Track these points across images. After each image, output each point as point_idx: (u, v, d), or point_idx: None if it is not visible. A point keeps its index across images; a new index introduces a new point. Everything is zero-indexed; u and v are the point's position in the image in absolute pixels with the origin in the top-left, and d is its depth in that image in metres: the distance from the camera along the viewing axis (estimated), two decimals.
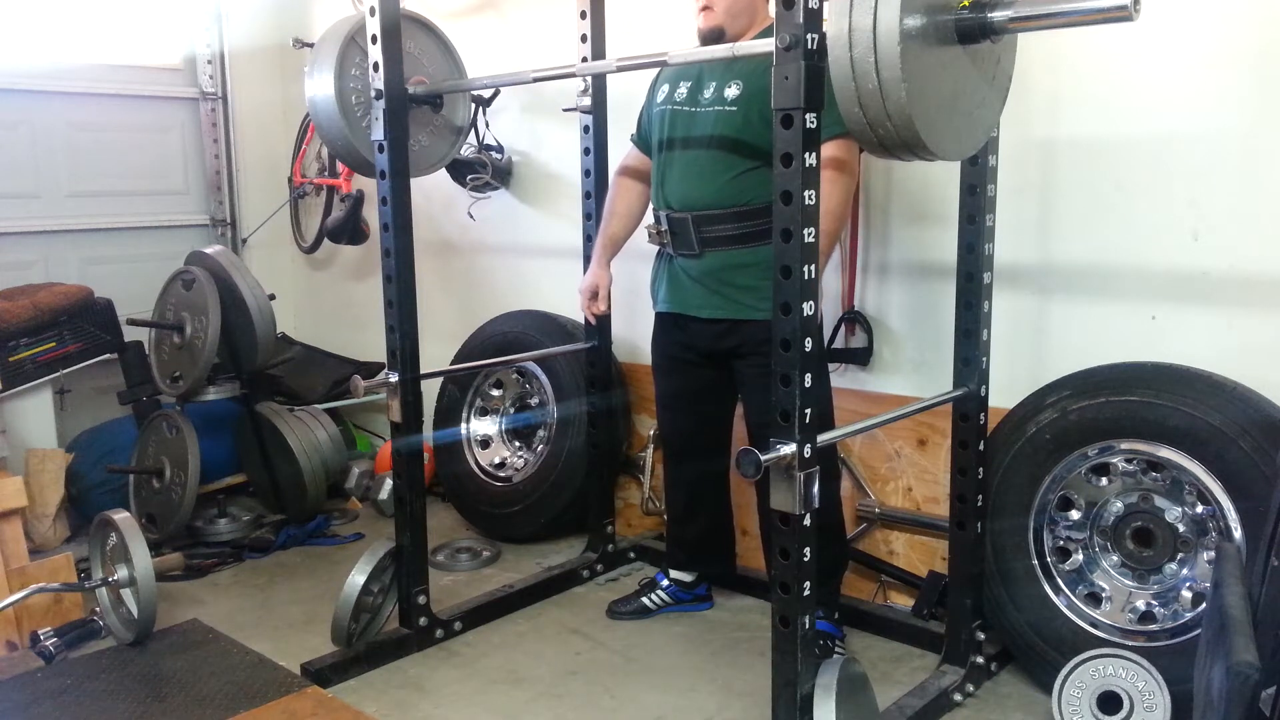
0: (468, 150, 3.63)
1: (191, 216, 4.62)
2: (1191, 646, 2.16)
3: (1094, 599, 2.46)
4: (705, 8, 2.51)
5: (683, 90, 2.60)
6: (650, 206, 2.74)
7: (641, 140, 2.81)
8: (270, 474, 3.80)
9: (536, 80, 2.56)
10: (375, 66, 2.55)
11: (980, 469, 2.45)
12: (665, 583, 3.00)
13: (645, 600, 2.99)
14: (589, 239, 3.09)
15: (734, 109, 2.48)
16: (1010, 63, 2.01)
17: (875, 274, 2.93)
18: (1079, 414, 2.41)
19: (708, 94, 2.54)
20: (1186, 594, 2.35)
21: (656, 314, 2.80)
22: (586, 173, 3.10)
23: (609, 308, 2.94)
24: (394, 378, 2.66)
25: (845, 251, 2.93)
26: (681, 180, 2.57)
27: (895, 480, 2.93)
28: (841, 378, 2.98)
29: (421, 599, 2.78)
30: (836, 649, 2.63)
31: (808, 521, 1.85)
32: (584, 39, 2.98)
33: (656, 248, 2.74)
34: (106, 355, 3.82)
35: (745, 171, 2.48)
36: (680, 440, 2.89)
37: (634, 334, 3.39)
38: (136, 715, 2.48)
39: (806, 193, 1.74)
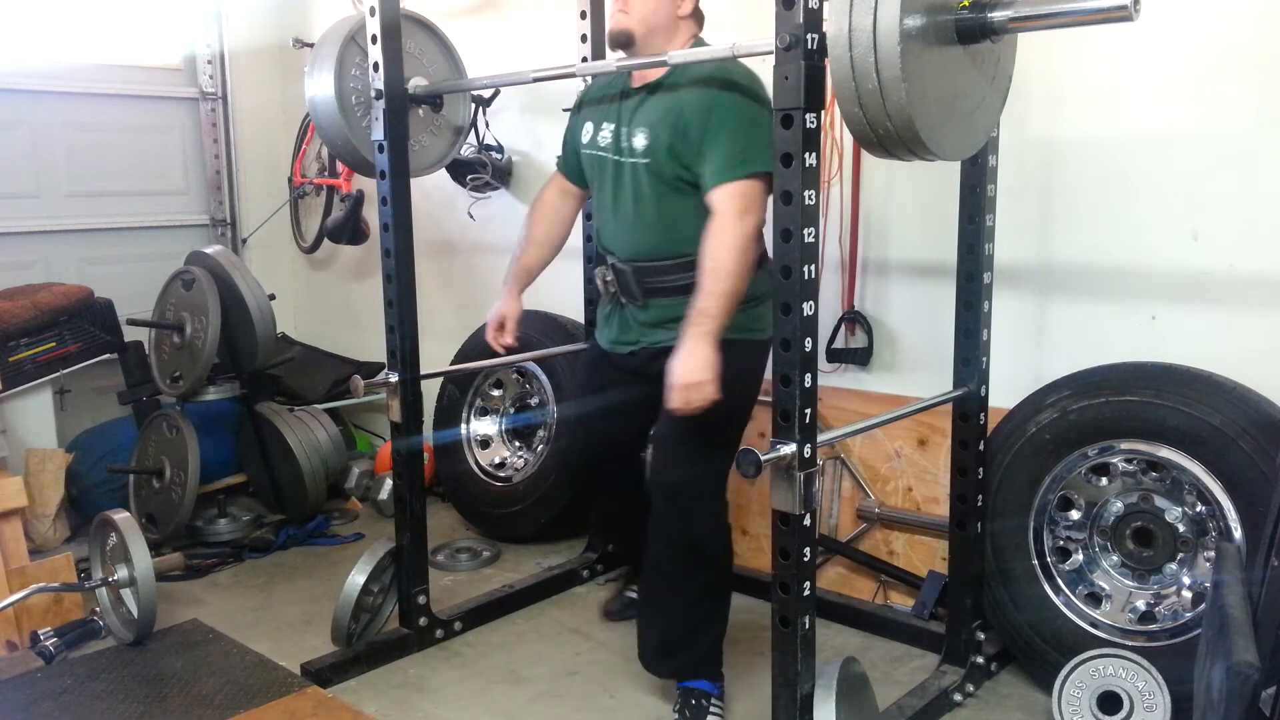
0: (468, 150, 3.63)
1: (191, 216, 4.62)
2: (1191, 646, 2.16)
3: (1094, 599, 2.46)
4: (621, 9, 2.31)
5: (606, 135, 2.41)
6: (595, 245, 2.58)
7: (567, 168, 2.63)
8: (270, 474, 3.80)
9: (536, 80, 2.56)
10: (375, 66, 2.55)
11: (980, 469, 2.45)
12: None
13: (630, 594, 2.95)
14: (589, 239, 3.08)
15: (647, 160, 2.31)
16: (1010, 63, 2.01)
17: (875, 274, 2.94)
18: (1079, 414, 2.41)
19: (625, 143, 2.36)
20: (1186, 594, 2.35)
21: (596, 344, 2.63)
22: None
23: (516, 340, 2.71)
24: (394, 378, 2.66)
25: (845, 251, 2.93)
26: (618, 230, 2.42)
27: (895, 480, 2.93)
28: (841, 378, 2.99)
29: (421, 599, 2.78)
30: (713, 708, 2.40)
31: (808, 521, 1.85)
32: (584, 39, 2.97)
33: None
34: (106, 355, 3.82)
35: (681, 220, 2.29)
36: (594, 452, 2.68)
37: None
38: (136, 715, 2.48)
39: (806, 193, 1.74)
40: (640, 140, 2.32)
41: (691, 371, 2.07)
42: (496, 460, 3.70)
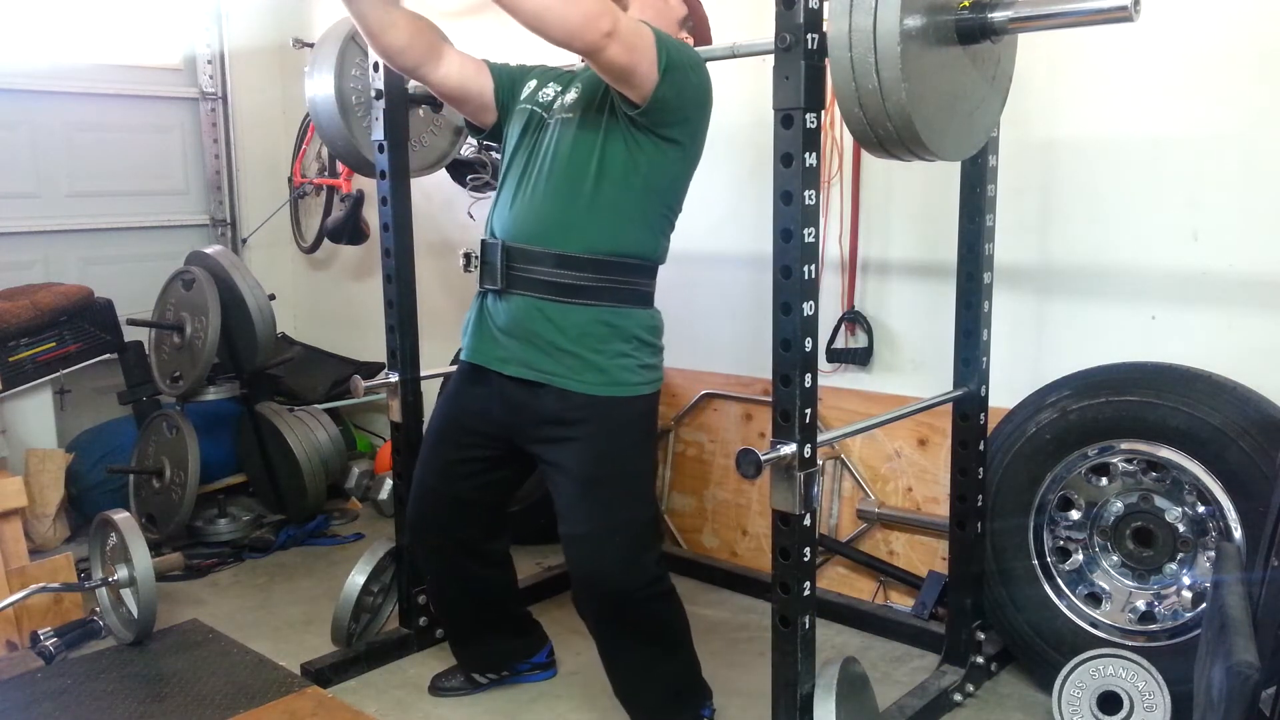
0: (468, 150, 3.63)
1: (191, 216, 4.62)
2: (1191, 646, 2.16)
3: (1094, 599, 2.46)
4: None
5: (548, 92, 2.21)
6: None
7: (497, 71, 2.28)
8: (270, 474, 3.80)
9: None
10: (375, 66, 2.55)
11: (980, 469, 2.45)
12: None
13: (476, 676, 2.59)
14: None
15: (570, 115, 2.12)
16: (1010, 63, 2.01)
17: (875, 274, 2.94)
18: (1079, 414, 2.41)
19: (559, 100, 2.17)
20: (1186, 594, 2.35)
21: (460, 362, 2.35)
22: None
23: None
24: (394, 378, 2.66)
25: (845, 251, 2.93)
26: (509, 204, 2.19)
27: (895, 480, 2.93)
28: (841, 378, 2.99)
29: (421, 599, 2.77)
30: None
31: (808, 521, 1.85)
32: None
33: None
34: (106, 355, 3.82)
35: (583, 205, 2.08)
36: (431, 515, 2.37)
37: None
38: (136, 715, 2.48)
39: (806, 193, 1.74)
40: (573, 94, 2.15)
41: None
42: None
